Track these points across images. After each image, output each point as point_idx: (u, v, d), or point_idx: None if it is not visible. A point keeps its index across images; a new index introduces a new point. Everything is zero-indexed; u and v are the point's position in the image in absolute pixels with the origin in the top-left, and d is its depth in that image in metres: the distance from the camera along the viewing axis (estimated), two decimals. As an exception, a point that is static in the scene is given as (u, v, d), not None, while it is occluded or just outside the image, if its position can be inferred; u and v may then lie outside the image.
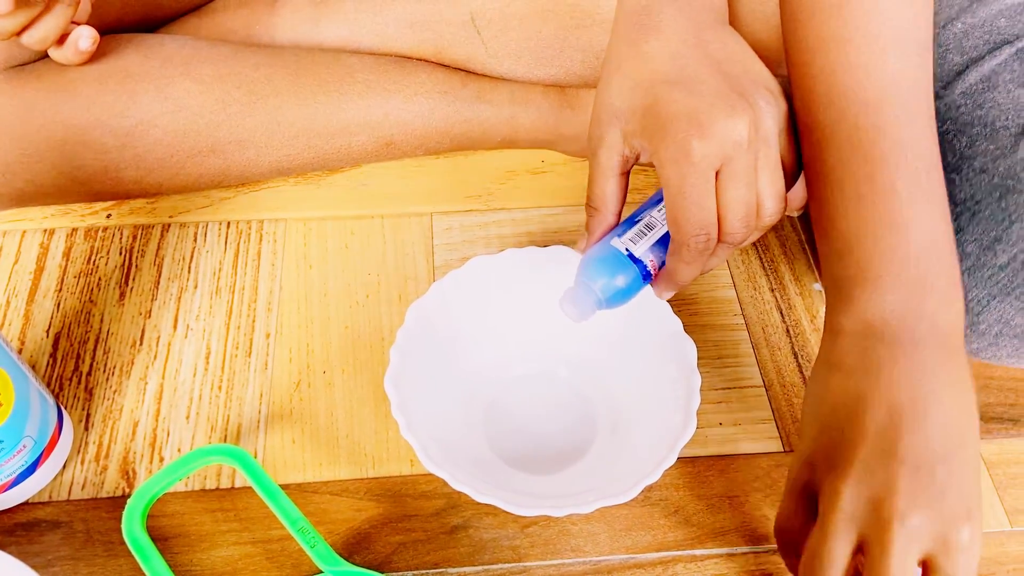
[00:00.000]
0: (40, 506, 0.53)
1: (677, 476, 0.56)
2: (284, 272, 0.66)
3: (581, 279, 0.50)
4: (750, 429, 0.58)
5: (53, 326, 0.62)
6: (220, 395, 0.59)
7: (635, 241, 0.49)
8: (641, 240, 0.49)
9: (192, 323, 0.62)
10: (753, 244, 0.69)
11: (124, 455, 0.56)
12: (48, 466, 0.53)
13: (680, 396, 0.51)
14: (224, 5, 0.69)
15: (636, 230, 0.49)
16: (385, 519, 0.53)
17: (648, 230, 0.49)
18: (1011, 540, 0.54)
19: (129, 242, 0.67)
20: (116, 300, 0.63)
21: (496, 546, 0.52)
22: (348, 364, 0.61)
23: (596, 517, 0.54)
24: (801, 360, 0.62)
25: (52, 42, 0.56)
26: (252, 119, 0.64)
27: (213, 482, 0.55)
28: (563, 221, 0.70)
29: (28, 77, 0.60)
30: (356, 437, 0.57)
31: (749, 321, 0.64)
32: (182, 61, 0.63)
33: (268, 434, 0.57)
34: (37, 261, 0.65)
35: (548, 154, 0.75)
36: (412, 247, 0.68)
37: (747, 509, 0.55)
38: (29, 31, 0.55)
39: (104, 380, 0.59)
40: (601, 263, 0.49)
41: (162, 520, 0.53)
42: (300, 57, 0.66)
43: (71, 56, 0.58)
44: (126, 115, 0.61)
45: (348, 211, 0.70)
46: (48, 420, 0.52)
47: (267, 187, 0.71)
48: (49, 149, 0.60)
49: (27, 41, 0.56)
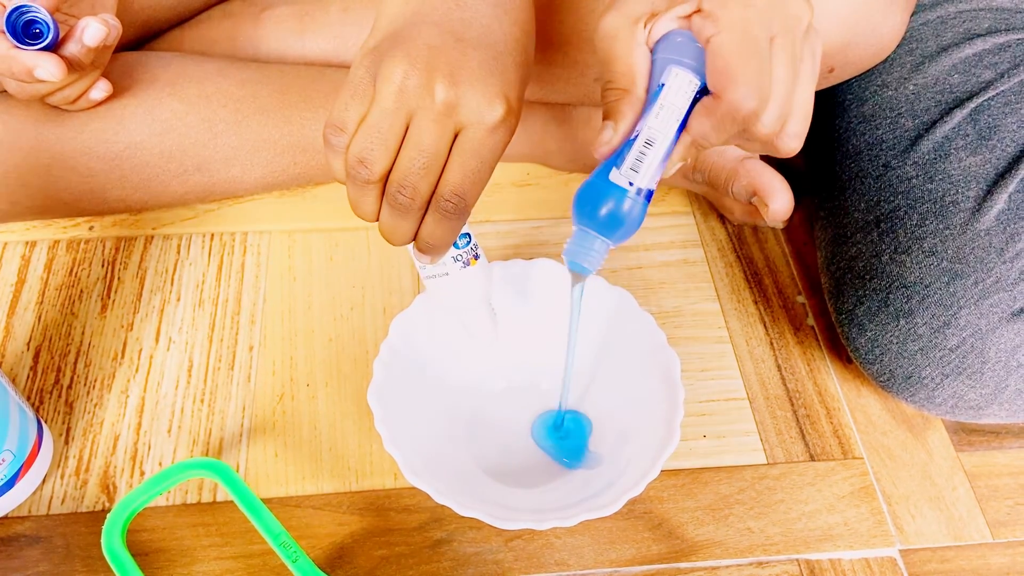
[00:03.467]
0: (19, 521, 0.53)
1: (661, 489, 0.56)
2: (268, 284, 0.65)
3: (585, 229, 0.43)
4: (734, 441, 0.59)
5: (34, 339, 0.61)
6: (202, 408, 0.58)
7: (636, 169, 0.41)
8: (642, 165, 0.41)
9: (175, 336, 0.62)
10: (737, 257, 0.70)
11: (105, 469, 0.55)
12: (27, 480, 0.52)
13: (664, 409, 0.51)
14: (208, 16, 0.69)
15: (635, 153, 0.41)
16: (368, 533, 0.53)
17: (649, 147, 0.41)
18: (993, 552, 0.54)
19: (111, 254, 0.66)
20: (98, 312, 0.63)
21: (479, 560, 0.52)
22: (332, 377, 0.60)
23: (580, 530, 0.54)
24: (785, 372, 0.62)
25: (74, 100, 0.58)
26: (238, 137, 0.64)
27: (195, 496, 0.54)
28: (548, 234, 0.70)
29: (14, 104, 0.60)
30: (339, 450, 0.57)
31: (733, 334, 0.65)
32: (168, 81, 0.62)
33: (251, 447, 0.57)
34: (18, 273, 0.65)
35: (533, 167, 0.75)
36: (397, 260, 0.68)
37: (731, 522, 0.55)
38: (60, 93, 0.57)
39: (85, 393, 0.59)
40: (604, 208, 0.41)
41: (143, 535, 0.52)
42: (285, 73, 0.66)
43: (82, 104, 0.59)
44: (114, 140, 0.61)
45: (333, 223, 0.70)
46: (28, 434, 0.52)
47: (251, 199, 0.71)
48: (35, 175, 0.60)
49: (54, 101, 0.57)
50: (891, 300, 0.55)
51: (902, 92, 0.61)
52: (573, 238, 0.43)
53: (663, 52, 0.41)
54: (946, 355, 0.53)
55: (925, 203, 0.56)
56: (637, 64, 0.42)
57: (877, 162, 0.60)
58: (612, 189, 0.41)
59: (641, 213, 0.42)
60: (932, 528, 0.55)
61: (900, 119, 0.60)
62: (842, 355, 0.64)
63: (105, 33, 0.53)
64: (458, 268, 0.48)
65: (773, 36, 0.39)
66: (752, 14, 0.39)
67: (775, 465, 0.58)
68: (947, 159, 0.56)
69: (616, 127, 0.41)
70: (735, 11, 0.39)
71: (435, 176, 0.42)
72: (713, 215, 0.73)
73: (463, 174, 0.42)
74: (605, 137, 0.42)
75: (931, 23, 0.63)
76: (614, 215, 0.41)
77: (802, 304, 0.67)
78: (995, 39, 0.60)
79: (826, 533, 0.54)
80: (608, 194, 0.41)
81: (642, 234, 0.71)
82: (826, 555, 0.54)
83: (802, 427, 0.60)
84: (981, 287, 0.52)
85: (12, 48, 0.51)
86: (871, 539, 0.54)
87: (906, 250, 0.55)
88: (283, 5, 0.70)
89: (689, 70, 0.41)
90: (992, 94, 0.58)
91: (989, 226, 0.53)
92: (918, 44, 0.62)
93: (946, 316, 0.53)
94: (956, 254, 0.53)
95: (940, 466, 0.58)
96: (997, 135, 0.56)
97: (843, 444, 0.59)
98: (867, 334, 0.56)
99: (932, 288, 0.53)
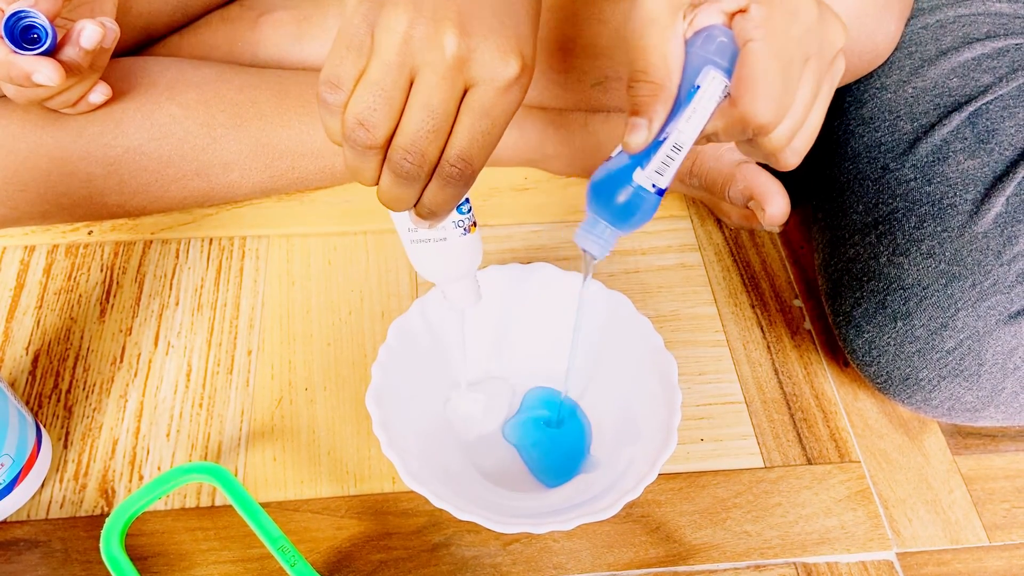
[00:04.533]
0: (18, 525, 0.53)
1: (659, 492, 0.56)
2: (266, 289, 0.66)
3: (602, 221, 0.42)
4: (731, 445, 0.59)
5: (33, 344, 0.61)
6: (201, 412, 0.58)
7: (662, 173, 0.40)
8: (668, 169, 0.40)
9: (173, 340, 0.62)
10: (734, 261, 0.70)
11: (103, 473, 0.55)
12: (26, 485, 0.52)
13: (661, 412, 0.52)
14: (206, 22, 0.70)
15: (662, 156, 0.40)
16: (366, 537, 0.53)
17: (677, 152, 0.40)
18: (989, 555, 0.55)
19: (110, 259, 0.67)
20: (97, 317, 0.63)
21: (478, 564, 0.52)
22: (330, 381, 0.61)
23: (578, 534, 0.54)
24: (782, 376, 0.63)
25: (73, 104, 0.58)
26: (237, 143, 0.64)
27: (193, 500, 0.54)
28: (546, 238, 0.70)
29: (12, 108, 0.60)
30: (338, 454, 0.57)
31: (730, 337, 0.65)
32: (166, 85, 0.63)
33: (249, 452, 0.57)
34: (17, 278, 0.65)
35: (531, 172, 0.75)
36: (395, 264, 0.68)
37: (729, 525, 0.55)
38: (59, 97, 0.56)
39: (84, 398, 0.59)
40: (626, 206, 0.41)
41: (141, 539, 0.52)
42: (284, 78, 0.66)
43: (81, 108, 0.59)
44: (113, 144, 0.61)
45: (331, 228, 0.70)
46: (27, 438, 0.52)
47: (250, 204, 0.71)
48: (33, 180, 0.60)
49: (54, 104, 0.57)
50: (889, 302, 0.55)
51: (901, 95, 0.61)
52: (588, 224, 0.42)
53: (702, 48, 0.39)
54: (943, 357, 0.53)
55: (923, 205, 0.56)
56: (672, 57, 0.39)
57: (875, 164, 0.60)
58: (635, 189, 0.40)
59: (655, 209, 0.41)
60: (929, 531, 0.55)
61: (899, 122, 0.60)
62: (839, 359, 0.64)
63: (102, 35, 0.53)
64: (458, 235, 0.45)
65: (808, 57, 0.38)
66: (796, 32, 0.37)
67: (772, 469, 0.58)
68: (945, 162, 0.56)
69: (651, 127, 0.39)
70: (780, 23, 0.37)
71: (443, 139, 0.38)
72: (710, 219, 0.73)
73: (471, 137, 0.38)
74: (639, 138, 0.39)
75: (930, 27, 0.63)
76: (633, 212, 0.41)
77: (799, 308, 0.67)
78: (994, 43, 0.61)
79: (823, 536, 0.54)
80: (631, 194, 0.40)
81: (639, 238, 0.71)
82: (823, 558, 0.54)
83: (799, 431, 0.60)
84: (979, 289, 0.52)
85: (10, 53, 0.51)
86: (868, 542, 0.55)
87: (904, 252, 0.56)
88: (281, 10, 0.70)
89: (724, 73, 0.39)
90: (990, 98, 0.58)
91: (987, 229, 0.53)
92: (917, 48, 0.63)
93: (943, 318, 0.53)
94: (954, 256, 0.53)
95: (937, 469, 0.58)
96: (995, 138, 0.56)
97: (840, 448, 0.59)
98: (864, 336, 0.56)
99: (930, 290, 0.53)
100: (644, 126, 0.39)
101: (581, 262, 0.47)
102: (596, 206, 0.42)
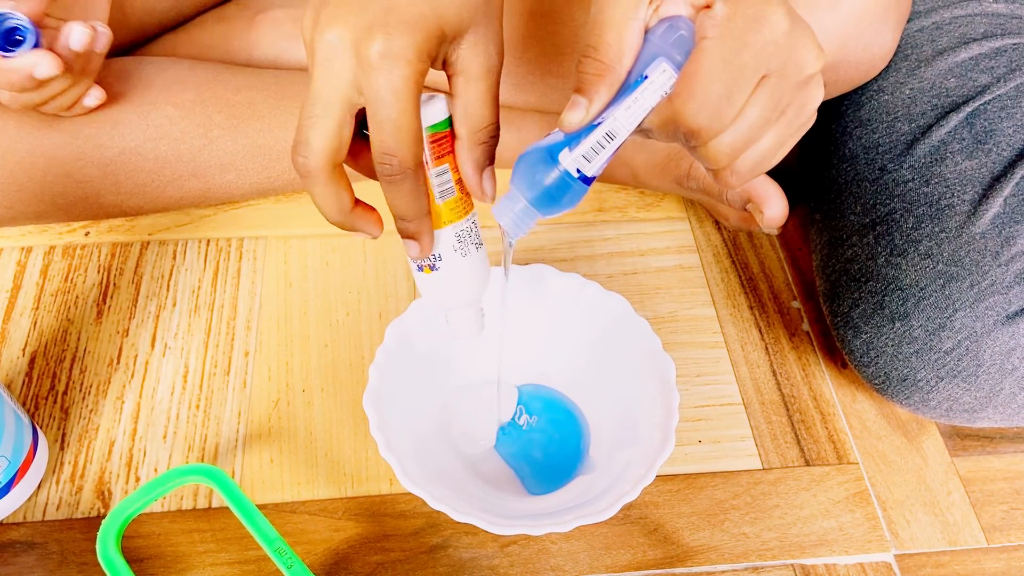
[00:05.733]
0: (14, 527, 0.53)
1: (656, 494, 0.56)
2: (264, 290, 0.65)
3: (522, 198, 0.40)
4: (729, 447, 0.59)
5: (29, 345, 0.61)
6: (198, 414, 0.58)
7: (590, 159, 0.39)
8: (597, 156, 0.39)
9: (170, 341, 0.62)
10: (732, 262, 0.70)
11: (100, 475, 0.55)
12: (22, 486, 0.52)
13: (659, 414, 0.52)
14: (201, 21, 0.70)
15: (592, 143, 0.38)
16: (364, 539, 0.53)
17: (609, 141, 0.39)
18: (987, 557, 0.55)
19: (107, 260, 0.66)
20: (93, 318, 0.63)
21: (475, 566, 0.52)
22: (327, 383, 0.60)
23: (575, 536, 0.54)
24: (780, 378, 0.63)
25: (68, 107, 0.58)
26: (234, 144, 0.64)
27: (190, 502, 0.54)
28: (543, 240, 0.70)
29: (8, 109, 0.59)
30: (335, 456, 0.57)
31: (728, 339, 0.65)
32: (163, 86, 0.62)
33: (246, 453, 0.57)
34: (14, 279, 0.65)
35: (529, 172, 0.75)
36: (393, 266, 0.68)
37: (727, 527, 0.55)
38: (54, 101, 0.56)
39: (80, 399, 0.59)
40: (547, 188, 0.39)
41: (138, 541, 0.52)
42: (280, 79, 0.66)
43: (76, 111, 0.59)
44: (109, 146, 0.61)
45: (329, 229, 0.70)
46: (23, 440, 0.51)
47: (247, 205, 0.71)
48: (30, 180, 0.60)
49: (49, 109, 0.57)
50: (887, 303, 0.55)
51: (898, 96, 0.61)
52: (508, 199, 0.41)
53: (661, 39, 0.38)
54: (941, 358, 0.53)
55: (921, 206, 0.56)
56: (627, 40, 0.37)
57: (873, 166, 0.60)
58: (560, 172, 0.39)
59: (579, 197, 0.40)
60: (927, 533, 0.55)
61: (896, 123, 0.60)
62: (837, 360, 0.64)
63: (90, 36, 0.53)
64: (457, 258, 0.43)
65: (767, 74, 0.36)
66: (755, 40, 0.35)
67: (770, 470, 0.58)
68: (943, 163, 0.56)
69: (589, 107, 0.38)
70: (739, 26, 0.36)
71: None
72: (708, 221, 0.73)
73: None
74: (575, 117, 0.38)
75: (927, 28, 0.63)
76: (553, 194, 0.39)
77: (797, 309, 0.67)
78: (991, 43, 0.61)
79: (821, 538, 0.54)
80: (554, 177, 0.39)
81: (638, 239, 0.71)
82: (821, 560, 0.54)
83: (797, 432, 0.60)
84: (976, 290, 0.52)
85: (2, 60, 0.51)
86: (866, 544, 0.54)
87: (902, 253, 0.55)
88: (278, 9, 0.70)
89: (675, 67, 0.37)
90: (988, 98, 0.58)
91: (985, 229, 0.53)
92: (914, 49, 0.63)
93: (941, 319, 0.53)
94: (952, 257, 0.53)
95: (935, 471, 0.58)
96: (993, 139, 0.56)
97: (838, 449, 0.59)
98: (862, 337, 0.56)
99: (928, 291, 0.53)
100: (583, 105, 0.38)
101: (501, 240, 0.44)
102: (517, 182, 0.40)
